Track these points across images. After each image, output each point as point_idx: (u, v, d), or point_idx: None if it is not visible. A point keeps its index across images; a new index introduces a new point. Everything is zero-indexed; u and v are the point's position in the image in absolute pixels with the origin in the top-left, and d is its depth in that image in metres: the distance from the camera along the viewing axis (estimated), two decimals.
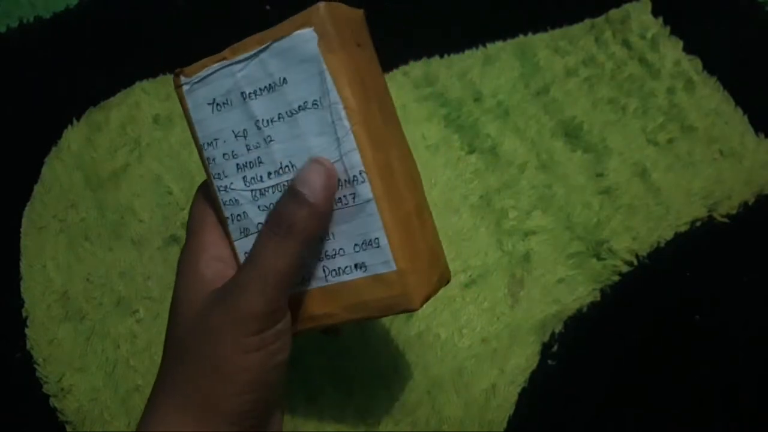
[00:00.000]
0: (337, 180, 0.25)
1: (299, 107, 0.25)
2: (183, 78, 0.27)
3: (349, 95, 0.25)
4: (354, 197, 0.25)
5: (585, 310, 0.42)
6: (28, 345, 0.42)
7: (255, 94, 0.26)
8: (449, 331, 0.41)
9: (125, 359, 0.42)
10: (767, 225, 0.44)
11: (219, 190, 0.27)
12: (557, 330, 0.41)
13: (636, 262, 0.43)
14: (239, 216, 0.27)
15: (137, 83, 0.51)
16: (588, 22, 0.52)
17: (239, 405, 0.25)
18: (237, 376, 0.24)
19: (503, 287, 0.43)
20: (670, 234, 0.44)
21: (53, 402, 0.41)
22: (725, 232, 0.44)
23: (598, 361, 0.40)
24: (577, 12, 0.52)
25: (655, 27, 0.51)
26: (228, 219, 0.28)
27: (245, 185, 0.27)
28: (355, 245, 0.26)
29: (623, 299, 0.42)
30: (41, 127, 0.49)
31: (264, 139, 0.26)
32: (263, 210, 0.27)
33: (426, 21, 0.53)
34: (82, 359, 0.42)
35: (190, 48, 0.52)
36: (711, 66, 0.49)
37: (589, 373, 0.40)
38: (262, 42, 0.26)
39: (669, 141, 0.47)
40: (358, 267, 0.26)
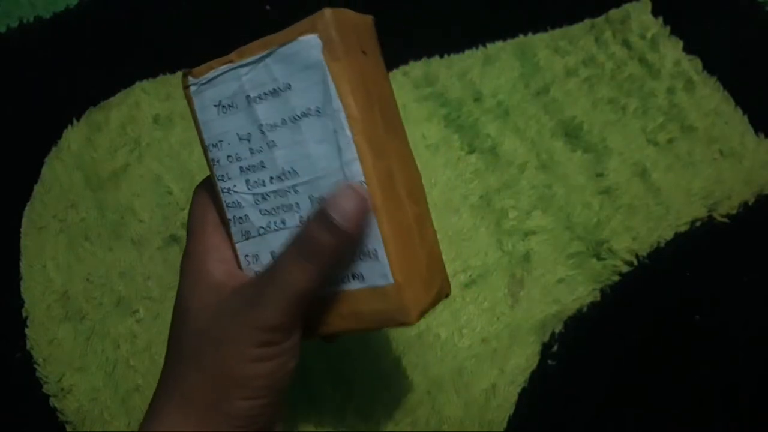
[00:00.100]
0: (369, 205, 0.25)
1: (302, 114, 0.25)
2: (191, 79, 0.27)
3: (352, 104, 0.25)
4: None
5: (585, 310, 0.42)
6: (28, 345, 0.42)
7: (260, 98, 0.26)
8: (449, 331, 0.41)
9: (125, 359, 0.42)
10: (767, 225, 0.44)
11: (222, 191, 0.28)
12: (557, 330, 0.41)
13: (636, 262, 0.43)
14: (241, 219, 0.27)
15: (137, 83, 0.51)
16: (588, 22, 0.52)
17: (247, 410, 0.25)
18: (248, 382, 0.25)
19: (503, 287, 0.43)
20: (670, 234, 0.44)
21: (53, 402, 0.41)
22: (725, 232, 0.44)
23: (598, 361, 0.40)
24: (577, 12, 0.52)
25: (655, 27, 0.51)
26: (230, 221, 0.28)
27: (248, 188, 0.27)
28: (354, 255, 0.25)
29: (623, 299, 0.42)
30: (41, 127, 0.49)
31: (267, 144, 0.26)
32: (264, 214, 0.27)
33: (426, 21, 0.53)
34: (82, 359, 0.42)
35: (190, 48, 0.53)
36: (711, 66, 0.49)
37: (589, 373, 0.40)
38: (267, 46, 0.25)
39: (669, 141, 0.47)
40: (355, 277, 0.26)
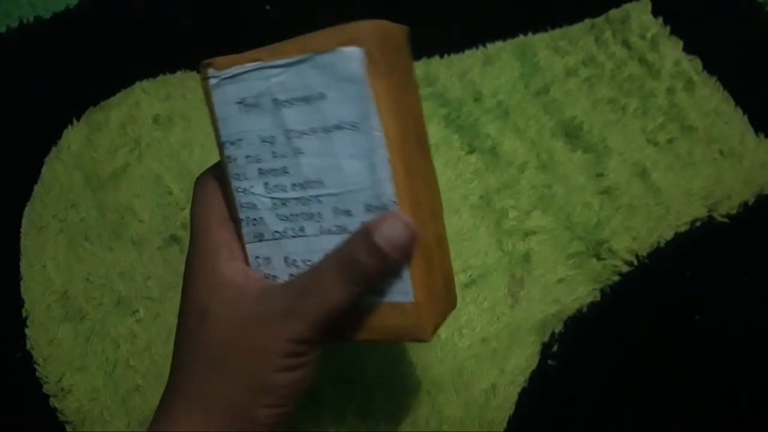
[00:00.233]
0: (414, 234, 0.25)
1: (335, 126, 0.24)
2: (211, 71, 0.26)
3: (392, 124, 0.24)
4: None
5: (585, 310, 0.42)
6: (28, 345, 0.42)
7: (289, 102, 0.25)
8: (449, 331, 0.41)
9: (125, 359, 0.42)
10: (767, 225, 0.44)
11: (237, 190, 0.27)
12: (557, 330, 0.41)
13: (636, 262, 0.43)
14: (255, 220, 0.27)
15: (137, 83, 0.51)
16: (588, 22, 0.52)
17: (269, 417, 0.25)
18: (274, 391, 0.25)
19: (503, 287, 0.43)
20: (670, 234, 0.44)
21: (53, 402, 0.41)
22: (725, 232, 0.44)
23: (598, 361, 0.40)
24: (577, 12, 0.52)
25: (655, 27, 0.51)
26: (242, 221, 0.27)
27: (266, 191, 0.26)
28: None
29: (623, 299, 0.42)
30: (41, 127, 0.49)
31: (293, 150, 0.25)
32: (282, 219, 0.26)
33: (426, 21, 0.53)
34: (82, 359, 0.42)
35: (190, 48, 0.53)
36: (711, 66, 0.49)
37: (589, 373, 0.40)
38: (303, 50, 0.24)
39: (669, 141, 0.47)
40: (375, 291, 0.26)
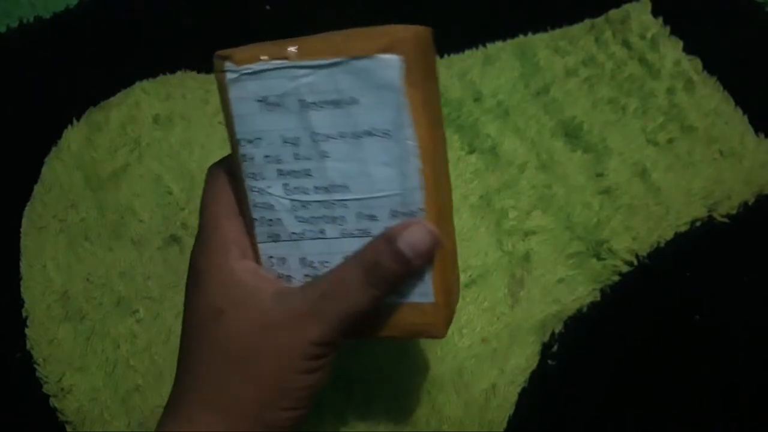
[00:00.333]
0: (437, 242, 0.25)
1: (366, 132, 0.24)
2: (229, 64, 0.24)
3: (425, 134, 0.24)
4: None
5: (585, 310, 0.42)
6: (28, 345, 0.42)
7: (317, 105, 0.24)
8: (449, 331, 0.41)
9: (125, 359, 0.42)
10: (767, 225, 0.44)
11: (251, 190, 0.26)
12: (557, 330, 0.41)
13: (636, 262, 0.43)
14: (271, 221, 0.26)
15: (137, 83, 0.51)
16: (588, 22, 0.52)
17: (287, 419, 0.26)
18: (294, 393, 0.25)
19: (503, 287, 0.43)
20: (670, 234, 0.44)
21: (53, 402, 0.41)
22: (725, 232, 0.44)
23: (598, 361, 0.40)
24: (577, 12, 0.52)
25: (655, 27, 0.51)
26: (256, 221, 0.26)
27: (285, 193, 0.26)
28: None
29: (623, 299, 0.42)
30: (41, 127, 0.49)
31: (318, 153, 0.25)
32: (301, 221, 0.26)
33: (426, 21, 0.53)
34: (82, 359, 0.42)
35: (190, 48, 0.53)
36: (711, 66, 0.49)
37: (589, 373, 0.40)
38: (336, 52, 0.24)
39: (669, 141, 0.47)
40: (396, 293, 0.26)
